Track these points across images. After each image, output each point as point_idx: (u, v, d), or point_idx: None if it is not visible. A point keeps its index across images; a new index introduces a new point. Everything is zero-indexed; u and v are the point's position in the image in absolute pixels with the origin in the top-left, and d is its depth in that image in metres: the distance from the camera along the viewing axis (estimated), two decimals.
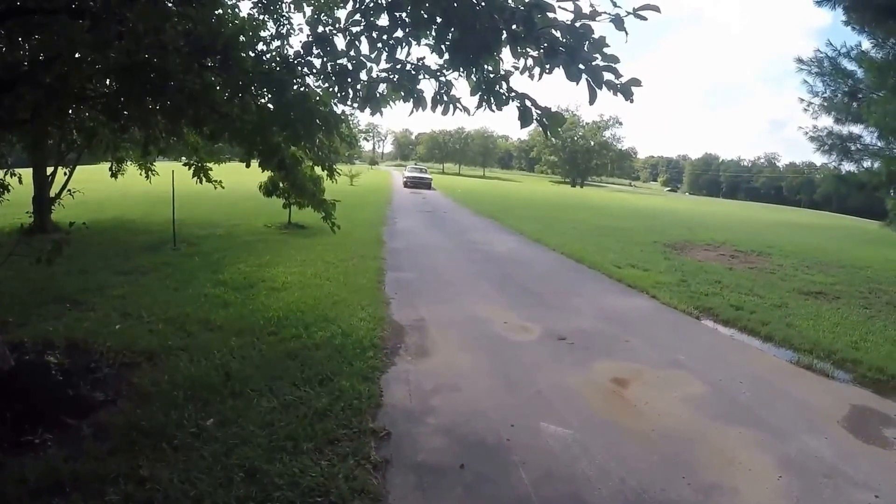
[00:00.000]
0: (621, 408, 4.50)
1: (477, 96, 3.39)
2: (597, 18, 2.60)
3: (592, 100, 2.80)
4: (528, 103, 3.09)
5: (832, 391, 5.23)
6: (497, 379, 4.91)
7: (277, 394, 4.13)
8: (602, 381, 4.99)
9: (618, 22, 2.52)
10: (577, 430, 4.02)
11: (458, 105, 3.78)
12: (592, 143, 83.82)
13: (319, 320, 5.86)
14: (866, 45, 10.38)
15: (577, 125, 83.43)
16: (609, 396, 4.71)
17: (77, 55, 4.04)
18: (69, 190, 11.39)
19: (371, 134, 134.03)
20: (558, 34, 2.76)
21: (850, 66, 10.82)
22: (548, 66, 2.92)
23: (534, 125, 3.18)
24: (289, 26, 4.87)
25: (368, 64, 3.83)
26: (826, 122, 11.57)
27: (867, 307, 8.75)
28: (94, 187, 15.93)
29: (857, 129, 11.12)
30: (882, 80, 9.53)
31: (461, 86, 3.45)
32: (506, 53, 3.17)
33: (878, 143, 10.60)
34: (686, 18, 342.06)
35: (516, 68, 3.24)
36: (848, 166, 11.68)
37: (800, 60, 11.46)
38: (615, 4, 2.53)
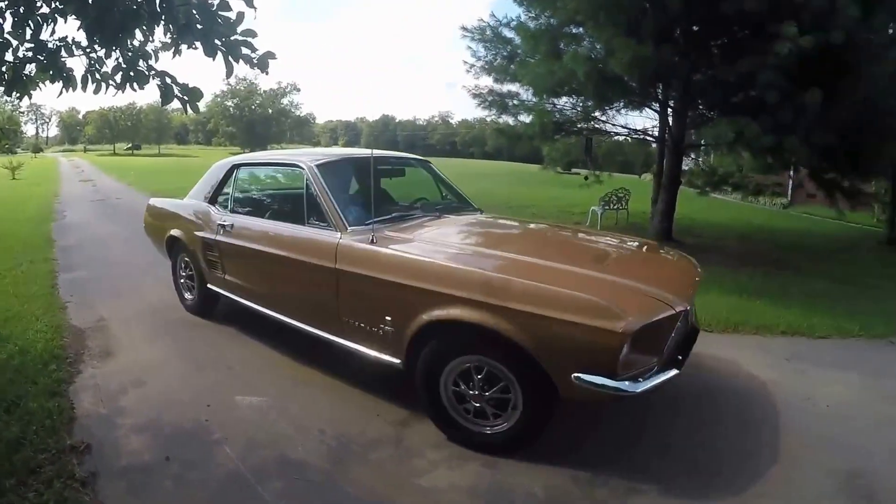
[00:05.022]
0: (315, 367, 4.66)
1: (119, 75, 3.22)
2: None
3: (229, 73, 2.91)
4: (168, 80, 3.04)
5: None
6: (187, 364, 4.77)
7: None
8: (297, 346, 5.01)
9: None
10: (272, 397, 4.11)
11: (110, 82, 3.54)
12: (270, 111, 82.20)
13: None
14: (524, 17, 11.82)
15: (254, 94, 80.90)
16: (303, 359, 4.82)
17: None
18: None
19: (34, 117, 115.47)
20: (195, 13, 2.77)
21: (510, 34, 12.27)
22: (186, 44, 2.90)
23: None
24: None
25: (14, 42, 3.39)
26: (487, 81, 13.07)
27: None
28: None
29: (514, 87, 12.62)
30: (535, 46, 10.94)
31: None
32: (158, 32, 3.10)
33: (533, 99, 12.19)
34: None
35: (165, 45, 3.17)
36: (507, 119, 13.38)
37: (465, 28, 12.71)
38: None
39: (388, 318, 3.59)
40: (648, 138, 12.54)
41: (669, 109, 11.23)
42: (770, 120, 8.00)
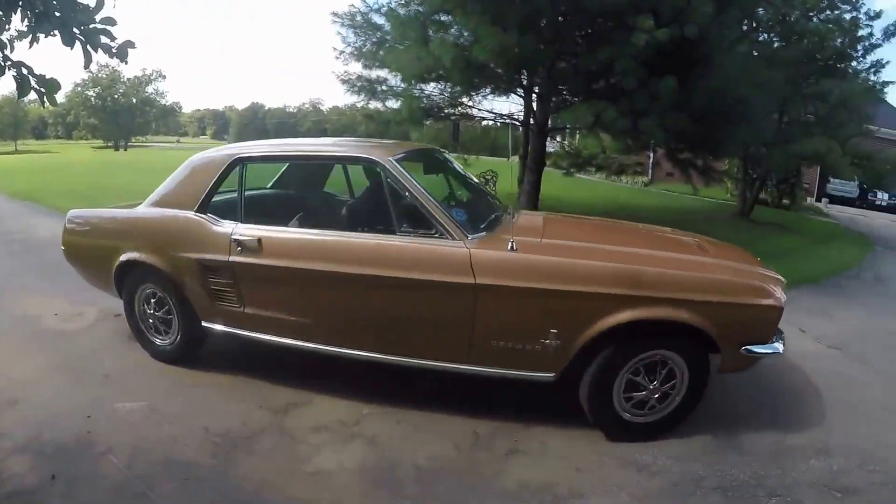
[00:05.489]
0: (194, 364, 4.59)
1: None
2: None
3: (87, 63, 2.89)
4: (24, 71, 2.93)
5: None
6: (61, 376, 4.50)
7: None
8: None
9: None
10: (153, 401, 4.03)
11: None
12: (135, 100, 76.50)
13: None
14: (394, 4, 11.92)
15: (117, 82, 74.81)
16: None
17: None
18: None
19: None
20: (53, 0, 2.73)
21: (380, 20, 12.33)
22: (43, 33, 2.84)
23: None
24: None
25: None
26: (356, 67, 13.07)
27: None
28: None
29: (383, 73, 12.65)
30: (405, 33, 10.96)
31: None
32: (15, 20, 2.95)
33: (401, 85, 12.25)
34: None
35: (21, 33, 3.03)
36: (376, 105, 13.49)
37: (335, 14, 12.64)
38: None
39: (553, 331, 3.28)
40: (515, 122, 12.97)
41: (534, 95, 11.65)
42: (628, 105, 8.58)
